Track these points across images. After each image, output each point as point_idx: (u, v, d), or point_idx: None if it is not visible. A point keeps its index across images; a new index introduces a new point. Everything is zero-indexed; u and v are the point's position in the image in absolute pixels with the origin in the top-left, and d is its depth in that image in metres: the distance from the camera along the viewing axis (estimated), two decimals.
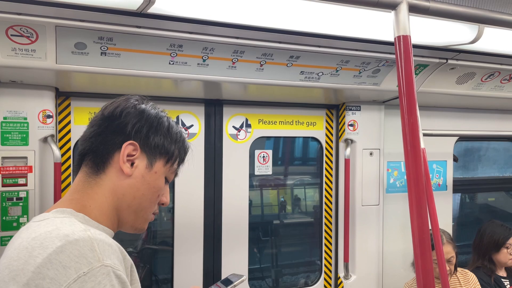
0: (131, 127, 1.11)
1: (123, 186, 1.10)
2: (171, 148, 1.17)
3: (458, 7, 1.36)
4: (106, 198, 1.09)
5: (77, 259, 0.85)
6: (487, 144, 4.23)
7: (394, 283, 3.09)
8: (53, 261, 0.84)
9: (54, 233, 0.90)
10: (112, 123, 1.12)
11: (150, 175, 1.13)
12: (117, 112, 1.13)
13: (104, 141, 1.11)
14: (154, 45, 1.95)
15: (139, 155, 1.11)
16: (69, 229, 0.91)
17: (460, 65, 2.54)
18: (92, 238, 0.90)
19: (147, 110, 1.16)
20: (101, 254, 0.88)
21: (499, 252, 3.03)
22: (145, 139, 1.13)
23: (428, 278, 1.14)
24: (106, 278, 0.85)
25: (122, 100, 1.17)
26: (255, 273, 3.32)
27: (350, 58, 2.30)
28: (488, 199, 4.57)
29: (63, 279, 0.82)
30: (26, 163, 2.19)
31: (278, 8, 1.83)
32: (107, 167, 1.10)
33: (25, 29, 1.76)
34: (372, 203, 3.01)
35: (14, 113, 2.19)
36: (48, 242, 0.87)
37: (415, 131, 1.17)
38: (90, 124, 1.16)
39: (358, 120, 2.97)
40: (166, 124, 1.18)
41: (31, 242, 0.89)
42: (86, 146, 1.13)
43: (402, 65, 1.19)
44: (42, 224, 0.96)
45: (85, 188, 1.09)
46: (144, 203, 1.14)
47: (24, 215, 2.19)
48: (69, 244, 0.86)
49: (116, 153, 1.10)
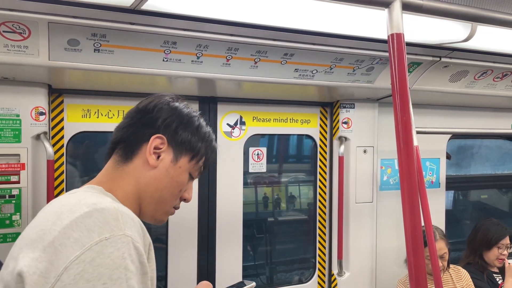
0: (161, 121, 1.17)
1: (147, 177, 1.15)
2: (198, 145, 1.22)
3: (451, 5, 1.37)
4: (131, 186, 1.14)
5: (101, 224, 0.90)
6: (480, 142, 4.26)
7: (387, 279, 3.11)
8: (79, 224, 0.90)
9: (83, 201, 0.96)
10: (144, 116, 1.19)
11: (174, 169, 1.18)
12: (150, 106, 1.19)
13: (135, 132, 1.17)
14: (148, 42, 1.94)
15: (165, 149, 1.17)
16: (97, 199, 0.98)
17: (453, 63, 2.55)
18: (117, 209, 0.96)
19: (179, 108, 1.22)
20: (124, 225, 0.93)
21: (490, 251, 3.04)
22: (173, 134, 1.18)
23: (421, 274, 1.15)
24: (125, 246, 0.90)
25: (157, 97, 1.24)
26: (249, 271, 3.32)
27: (344, 56, 2.30)
28: (481, 196, 4.60)
29: (86, 241, 0.88)
30: (19, 160, 2.18)
31: (272, 6, 1.83)
32: (135, 157, 1.16)
33: (17, 25, 1.75)
34: (366, 201, 3.02)
35: (7, 110, 2.17)
36: (76, 208, 0.94)
37: (408, 129, 1.17)
38: (125, 115, 1.23)
39: (352, 118, 2.97)
40: (196, 123, 1.23)
41: (61, 208, 0.96)
42: (119, 135, 1.19)
43: (395, 63, 1.19)
44: (73, 195, 1.04)
45: (113, 174, 1.15)
46: (166, 195, 1.18)
47: (17, 212, 2.17)
48: (95, 211, 0.93)
49: (144, 144, 1.16)
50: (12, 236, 2.17)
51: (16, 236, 2.18)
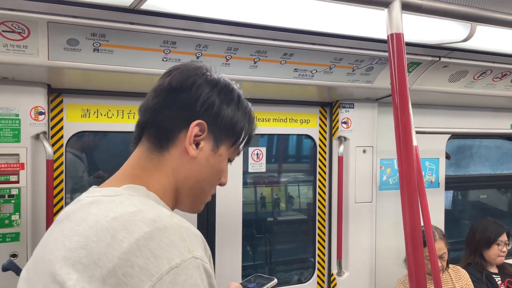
0: (201, 103, 1.01)
1: (186, 169, 1.01)
2: (240, 125, 1.08)
3: (451, 5, 1.37)
4: (169, 179, 1.01)
5: (167, 247, 0.78)
6: (479, 142, 4.26)
7: (386, 279, 3.11)
8: (142, 248, 0.77)
9: (138, 216, 0.82)
10: (180, 96, 1.01)
11: (214, 158, 1.05)
12: (188, 84, 1.02)
13: (170, 116, 1.01)
14: (147, 41, 1.94)
15: (205, 136, 1.02)
16: (153, 213, 0.84)
17: (453, 63, 2.55)
18: (180, 226, 0.83)
19: (219, 81, 1.07)
20: (191, 245, 0.81)
21: (490, 249, 3.06)
22: (214, 118, 1.02)
23: (420, 274, 1.15)
24: (197, 272, 0.79)
25: (192, 69, 1.06)
26: (248, 270, 3.32)
27: (343, 56, 2.30)
28: (480, 196, 4.60)
29: (154, 270, 0.75)
30: (18, 160, 2.18)
31: (272, 5, 1.83)
32: (171, 145, 1.01)
33: (16, 25, 1.75)
34: (365, 201, 3.02)
35: (6, 110, 2.17)
36: (133, 226, 0.79)
37: (408, 129, 1.17)
38: (153, 93, 1.05)
39: (351, 118, 2.97)
40: (236, 94, 1.10)
41: (112, 223, 0.81)
42: (149, 118, 1.03)
43: (395, 63, 1.19)
44: (117, 201, 0.87)
45: (147, 165, 1.00)
46: (206, 186, 1.07)
47: (16, 212, 2.17)
48: (157, 230, 0.79)
49: (182, 131, 1.00)
50: (11, 236, 2.17)
51: (16, 236, 2.17)
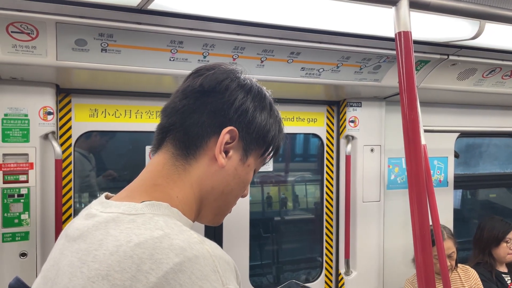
0: (234, 109, 0.93)
1: (213, 178, 0.93)
2: (271, 134, 1.00)
3: (459, 3, 1.35)
4: (193, 189, 0.92)
5: (199, 281, 0.70)
6: (489, 141, 4.22)
7: (394, 279, 3.09)
8: (171, 283, 0.69)
9: (166, 243, 0.73)
10: (212, 100, 0.93)
11: (242, 168, 0.97)
12: (221, 87, 0.93)
13: (200, 121, 0.92)
14: (155, 41, 1.94)
15: (235, 144, 0.93)
16: (182, 238, 0.75)
17: (461, 61, 2.53)
18: (212, 255, 0.75)
19: (254, 88, 0.98)
20: (224, 277, 0.74)
21: (498, 247, 3.04)
22: (247, 126, 0.94)
23: (429, 274, 1.14)
24: None
25: (225, 72, 0.96)
26: (256, 270, 3.32)
27: (351, 54, 2.29)
28: (489, 195, 4.57)
29: None
30: (27, 160, 2.20)
31: (279, 4, 1.83)
32: (200, 153, 0.92)
33: (25, 25, 1.76)
34: (373, 200, 3.01)
35: (15, 110, 2.19)
36: (160, 255, 0.71)
37: (416, 127, 1.16)
38: (182, 94, 0.97)
39: (359, 117, 2.96)
40: (268, 100, 1.02)
41: (136, 250, 0.72)
42: (175, 120, 0.94)
43: (402, 61, 1.18)
44: (139, 221, 0.78)
45: (171, 174, 0.91)
46: (230, 198, 0.99)
47: (26, 211, 2.19)
48: (188, 261, 0.71)
49: (212, 138, 0.92)
50: (20, 235, 2.19)
51: (26, 235, 2.20)
